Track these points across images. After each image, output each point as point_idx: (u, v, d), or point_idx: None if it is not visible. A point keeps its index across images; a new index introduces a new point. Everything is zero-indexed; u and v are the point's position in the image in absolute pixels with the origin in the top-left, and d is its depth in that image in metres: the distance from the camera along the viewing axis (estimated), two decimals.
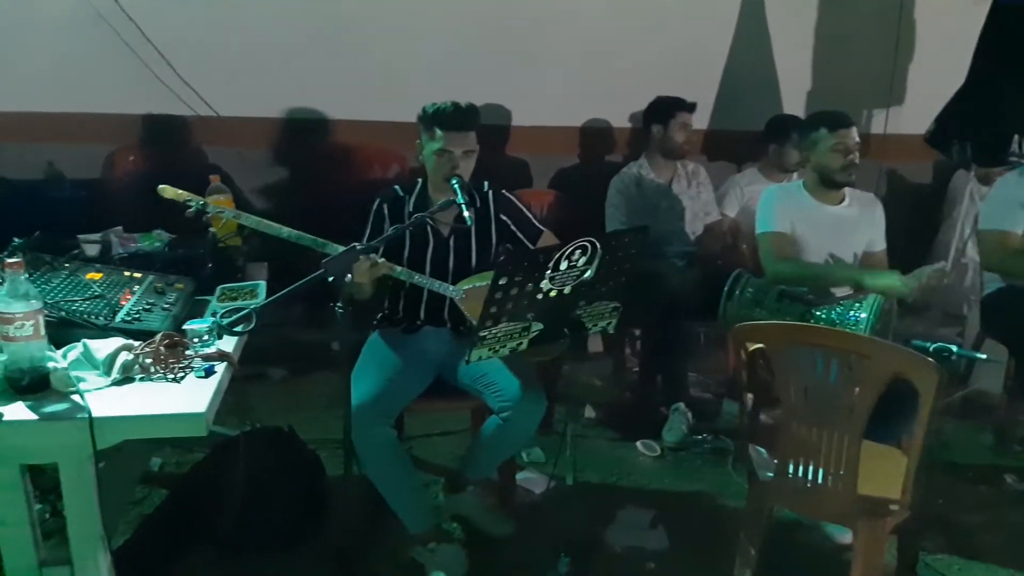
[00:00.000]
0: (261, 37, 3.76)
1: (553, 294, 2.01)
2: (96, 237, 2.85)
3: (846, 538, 2.53)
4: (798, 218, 3.01)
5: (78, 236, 2.81)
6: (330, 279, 1.96)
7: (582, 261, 1.99)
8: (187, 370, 1.79)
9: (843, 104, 3.39)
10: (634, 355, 3.99)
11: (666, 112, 3.67)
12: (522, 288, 1.94)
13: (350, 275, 2.11)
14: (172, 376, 1.76)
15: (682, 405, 3.38)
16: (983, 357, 2.41)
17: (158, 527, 2.51)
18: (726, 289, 2.82)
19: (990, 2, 3.72)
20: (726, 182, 4.05)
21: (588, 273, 2.03)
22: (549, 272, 1.96)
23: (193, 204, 2.21)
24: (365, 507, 2.50)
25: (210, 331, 1.93)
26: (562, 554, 2.45)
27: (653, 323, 3.43)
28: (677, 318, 3.38)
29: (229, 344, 1.97)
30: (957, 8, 4.23)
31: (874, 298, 2.62)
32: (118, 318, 1.98)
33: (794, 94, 4.45)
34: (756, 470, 2.30)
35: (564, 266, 1.97)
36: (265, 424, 2.79)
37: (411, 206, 2.60)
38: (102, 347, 1.78)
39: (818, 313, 2.68)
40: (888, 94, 4.52)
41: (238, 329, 1.89)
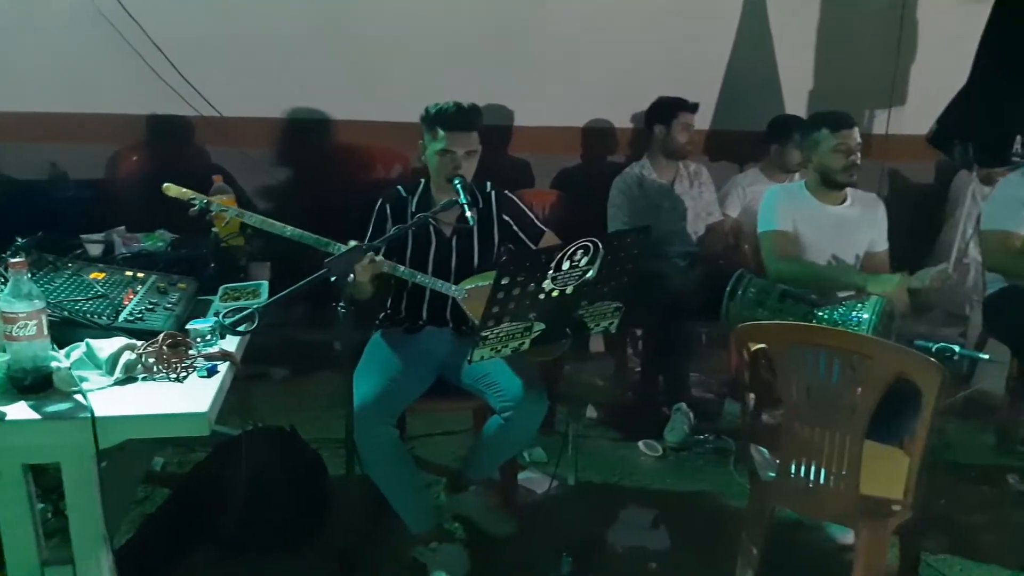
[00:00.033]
0: (264, 37, 3.76)
1: (555, 294, 2.01)
2: (99, 237, 2.86)
3: (848, 538, 2.53)
4: (800, 218, 3.01)
5: (81, 236, 2.82)
6: (332, 279, 1.97)
7: (584, 261, 1.99)
8: (189, 370, 1.79)
9: (845, 104, 3.39)
10: (636, 355, 3.99)
11: (668, 112, 3.68)
12: (524, 288, 1.94)
13: (352, 275, 2.11)
14: (175, 376, 1.76)
15: (684, 405, 3.38)
16: (985, 357, 2.41)
17: (160, 527, 2.51)
18: (728, 289, 2.81)
19: (992, 2, 3.72)
20: (728, 182, 4.05)
21: (590, 273, 2.03)
22: (551, 272, 1.96)
23: (197, 202, 2.21)
24: (367, 507, 2.50)
25: (213, 331, 1.93)
26: (564, 554, 2.45)
27: (655, 323, 3.43)
28: (679, 318, 3.38)
29: (231, 344, 1.97)
30: (959, 8, 4.22)
31: (877, 298, 2.61)
32: (121, 318, 1.99)
33: (796, 94, 4.44)
34: (758, 470, 2.30)
35: (566, 266, 1.97)
36: (267, 424, 2.80)
37: (414, 206, 2.60)
38: (105, 347, 1.78)
39: (821, 313, 2.67)
40: (890, 94, 4.52)
41: (241, 329, 1.88)
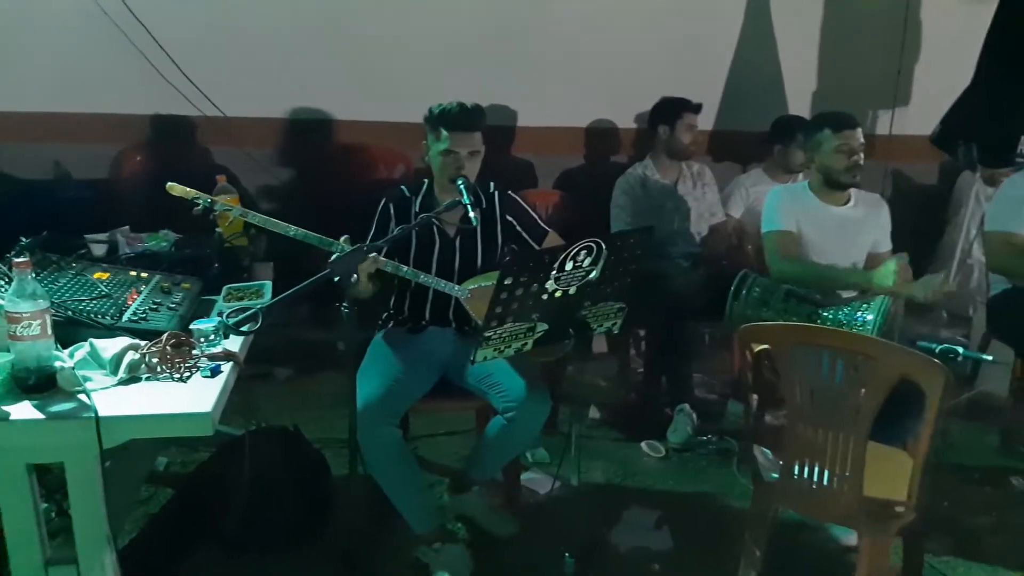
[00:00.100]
0: (268, 38, 3.77)
1: (558, 295, 2.01)
2: (103, 237, 2.86)
3: (851, 540, 2.53)
4: (803, 219, 3.00)
5: (85, 236, 2.82)
6: (336, 279, 1.97)
7: (587, 262, 1.99)
8: (193, 370, 1.79)
9: (848, 105, 3.38)
10: (639, 356, 3.98)
11: (672, 113, 3.67)
12: (527, 288, 1.94)
13: (356, 275, 2.12)
14: (178, 376, 1.77)
15: (687, 406, 3.37)
16: (989, 359, 2.41)
17: (164, 526, 2.52)
18: (733, 288, 2.81)
19: (996, 2, 3.71)
20: (731, 183, 4.05)
21: (593, 274, 2.03)
22: (554, 272, 1.96)
23: (201, 202, 2.21)
24: (370, 507, 2.51)
25: (216, 331, 1.94)
26: (566, 555, 2.45)
27: (658, 324, 3.43)
28: (682, 319, 3.38)
29: (235, 344, 1.98)
30: (962, 8, 4.22)
31: (881, 299, 2.61)
32: (125, 318, 1.99)
33: (799, 95, 4.43)
34: (761, 471, 2.30)
35: (569, 267, 1.97)
36: (271, 424, 2.80)
37: (417, 206, 2.60)
38: (109, 346, 1.79)
39: (825, 314, 2.67)
40: (894, 94, 4.50)
41: (244, 329, 1.89)
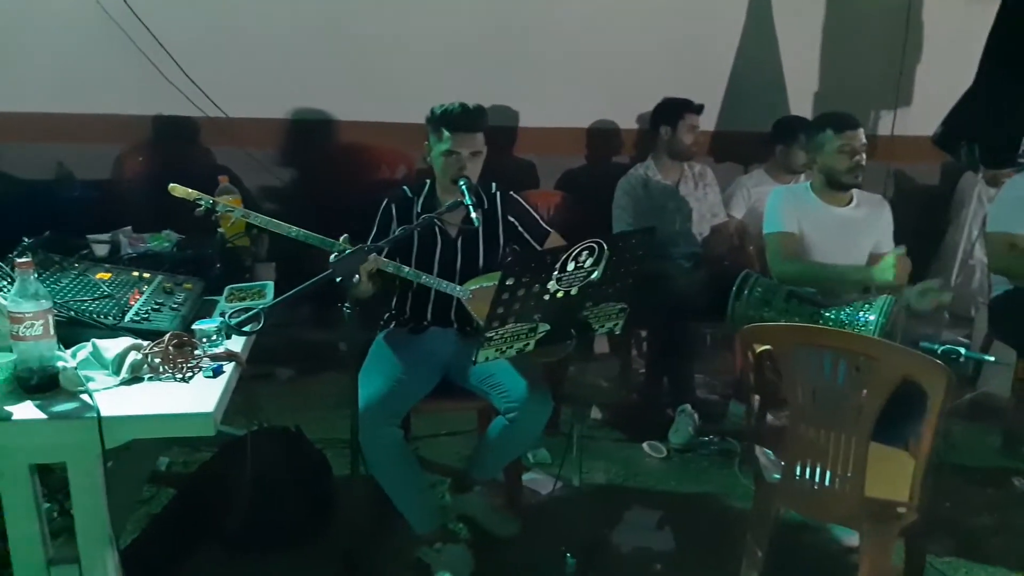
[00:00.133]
0: (270, 38, 3.77)
1: (560, 295, 2.01)
2: (105, 237, 2.87)
3: (853, 541, 2.52)
4: (805, 219, 3.00)
5: (88, 236, 2.82)
6: (338, 279, 1.97)
7: (589, 262, 1.99)
8: (195, 370, 1.80)
9: (850, 105, 3.38)
10: (640, 356, 3.98)
11: (674, 113, 3.67)
12: (529, 289, 1.94)
13: (358, 275, 2.12)
14: (180, 376, 1.77)
15: (688, 407, 3.37)
16: (991, 359, 2.40)
17: (166, 526, 2.52)
18: (735, 289, 2.80)
19: (998, 3, 3.70)
20: (733, 183, 4.05)
21: (595, 274, 2.03)
22: (556, 273, 1.96)
23: (203, 203, 2.21)
24: (372, 507, 2.50)
25: (218, 331, 1.94)
26: (568, 555, 2.45)
27: (659, 324, 3.43)
28: (683, 319, 3.37)
29: (237, 344, 1.98)
30: (965, 9, 4.21)
31: (883, 300, 2.60)
32: (127, 318, 1.99)
33: (801, 95, 4.43)
34: (763, 472, 2.29)
35: (571, 267, 1.97)
36: (272, 424, 2.80)
37: (419, 207, 2.61)
38: (111, 347, 1.79)
39: (827, 314, 2.66)
40: (895, 95, 4.50)
41: (246, 329, 1.88)
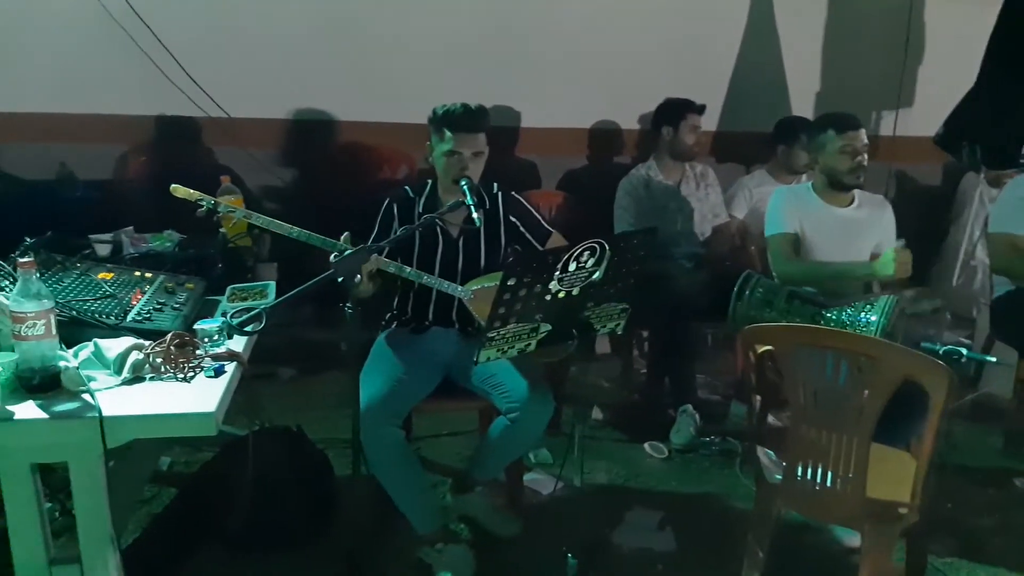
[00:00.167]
0: (272, 39, 3.77)
1: (561, 295, 2.01)
2: (107, 237, 2.87)
3: (854, 541, 2.52)
4: (807, 220, 3.00)
5: (90, 236, 2.82)
6: (339, 279, 1.97)
7: (591, 262, 1.99)
8: (197, 370, 1.80)
9: (852, 106, 3.38)
10: (642, 357, 3.99)
11: (676, 114, 3.67)
12: (530, 289, 1.94)
13: (359, 275, 2.12)
14: (182, 376, 1.77)
15: (690, 407, 3.37)
16: (993, 360, 2.40)
17: (167, 526, 2.53)
18: (736, 289, 2.79)
19: (1000, 3, 3.70)
20: (735, 184, 4.05)
21: (596, 274, 2.03)
22: (557, 273, 1.96)
23: (204, 204, 2.21)
24: (373, 507, 2.50)
25: (220, 331, 1.94)
26: (569, 555, 2.45)
27: (661, 325, 3.43)
28: (685, 320, 3.37)
29: (239, 344, 1.98)
30: (966, 9, 4.21)
31: (885, 300, 2.59)
32: (129, 318, 1.99)
33: (803, 96, 4.43)
34: (764, 472, 2.29)
35: (573, 267, 1.97)
36: (274, 424, 2.80)
37: (421, 207, 2.61)
38: (113, 346, 1.79)
39: (828, 315, 2.65)
40: (897, 96, 4.50)
41: (248, 329, 1.89)
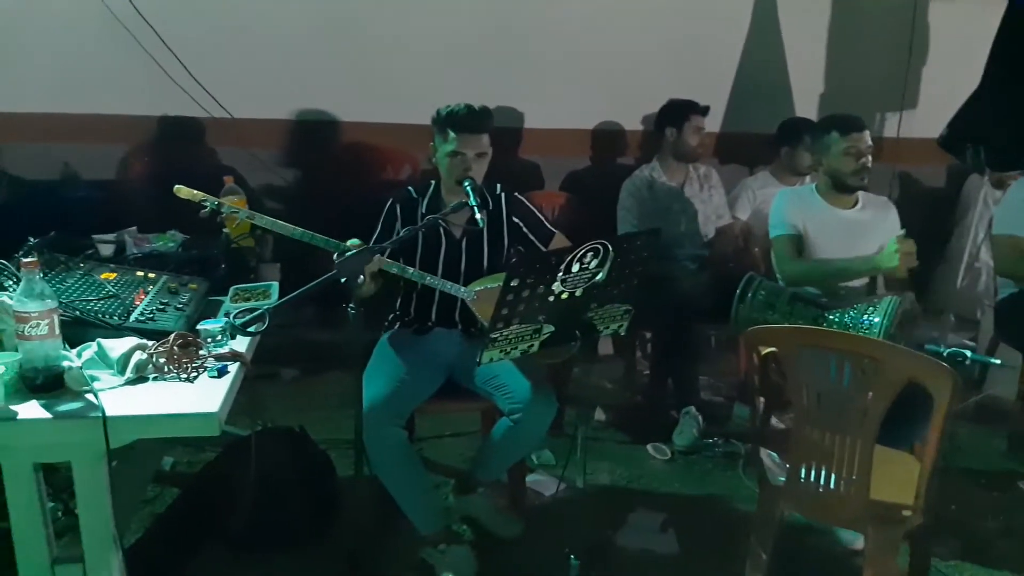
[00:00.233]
0: (274, 39, 3.78)
1: (564, 296, 2.01)
2: (111, 237, 2.87)
3: (858, 543, 2.52)
4: (810, 221, 2.99)
5: (93, 236, 2.83)
6: (342, 280, 1.97)
7: (594, 263, 1.98)
8: (200, 370, 1.80)
9: (856, 107, 3.38)
10: (645, 358, 3.98)
11: (680, 115, 3.67)
12: (533, 290, 1.94)
13: (362, 276, 2.12)
14: (185, 376, 1.77)
15: (693, 408, 3.37)
16: (997, 362, 2.40)
17: (170, 526, 2.52)
18: (738, 292, 2.79)
19: (1005, 5, 3.69)
20: (738, 185, 4.04)
21: (600, 275, 2.02)
22: (560, 274, 1.95)
23: (208, 204, 2.21)
24: (375, 508, 2.50)
25: (223, 331, 1.95)
26: (571, 556, 2.44)
27: (664, 326, 3.42)
28: (688, 321, 3.37)
29: (242, 344, 1.98)
30: (971, 11, 4.20)
31: (887, 301, 2.59)
32: (132, 318, 2.00)
33: (806, 97, 4.42)
34: (767, 474, 2.29)
35: (576, 268, 1.96)
36: (277, 424, 2.81)
37: (424, 208, 2.61)
38: (116, 346, 1.79)
39: (831, 316, 2.65)
40: (901, 97, 4.49)
41: (251, 329, 1.89)
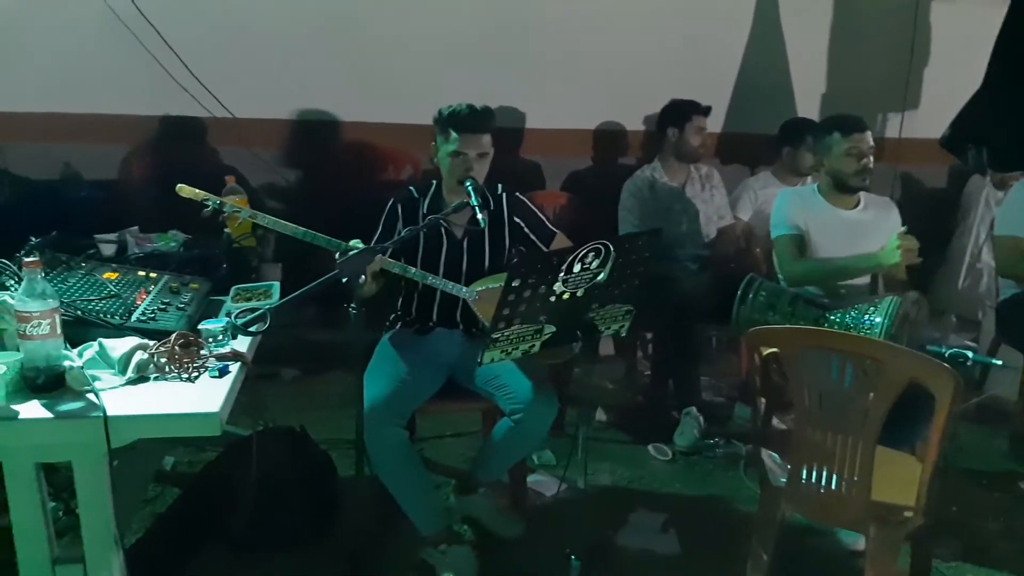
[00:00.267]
0: (276, 39, 3.78)
1: (566, 297, 2.01)
2: (112, 237, 2.88)
3: (859, 544, 2.51)
4: (812, 222, 2.99)
5: (95, 236, 2.84)
6: (344, 280, 1.97)
7: (595, 264, 1.98)
8: (201, 370, 1.80)
9: (858, 108, 3.37)
10: (646, 358, 3.98)
11: (682, 115, 3.66)
12: (535, 290, 1.94)
13: (364, 276, 2.12)
14: (186, 376, 1.77)
15: (694, 409, 3.36)
16: (999, 363, 2.39)
17: (170, 526, 2.52)
18: (739, 293, 2.79)
19: (1007, 5, 3.69)
20: (739, 185, 4.04)
21: (601, 276, 2.02)
22: (562, 274, 1.95)
23: (210, 204, 2.21)
24: (376, 508, 2.50)
25: (224, 331, 1.95)
26: (572, 557, 2.44)
27: (665, 326, 3.42)
28: (689, 321, 3.37)
29: (243, 344, 1.98)
30: (973, 11, 4.20)
31: (889, 302, 2.58)
32: (133, 317, 2.00)
33: (808, 97, 4.42)
34: (768, 475, 2.29)
35: (577, 269, 1.96)
36: (277, 424, 2.80)
37: (425, 208, 2.61)
38: (117, 346, 1.79)
39: (832, 317, 2.65)
40: (903, 98, 4.49)
41: (252, 329, 1.89)
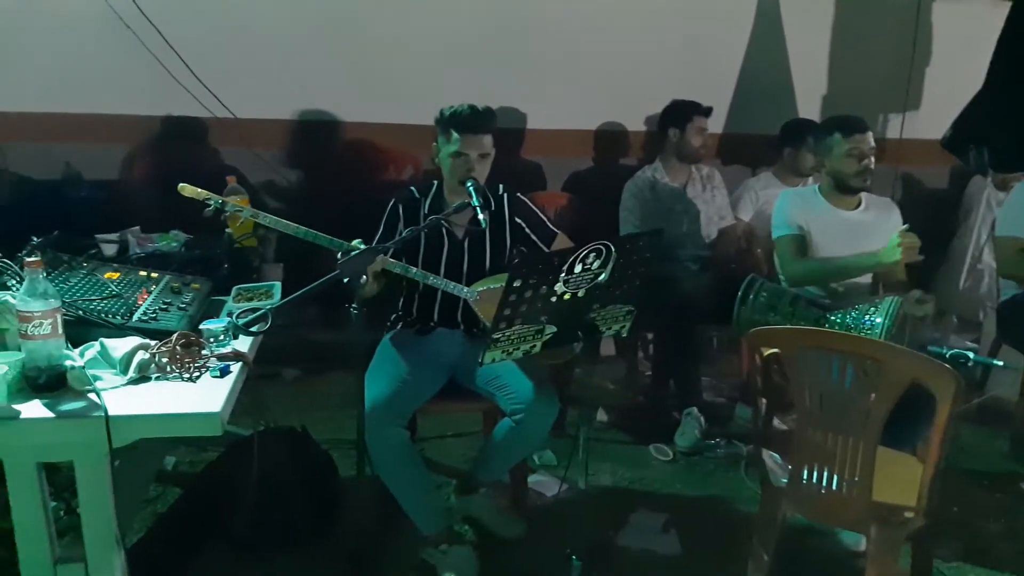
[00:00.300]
0: (278, 40, 3.78)
1: (567, 297, 2.01)
2: (114, 237, 2.88)
3: (860, 545, 2.52)
4: (813, 223, 2.99)
5: (96, 236, 2.84)
6: (345, 280, 1.97)
7: (596, 264, 1.99)
8: (202, 370, 1.80)
9: (859, 108, 3.37)
10: (647, 359, 3.98)
11: (683, 116, 3.67)
12: (536, 291, 1.94)
13: (365, 276, 2.12)
14: (188, 375, 1.77)
15: (695, 409, 3.36)
16: (1000, 364, 2.39)
17: (172, 526, 2.52)
18: (740, 294, 2.79)
19: (1009, 5, 3.69)
20: (740, 186, 4.04)
21: (602, 276, 2.02)
22: (563, 275, 1.95)
23: (212, 203, 2.21)
24: (377, 508, 2.50)
25: (226, 331, 1.95)
26: (573, 557, 2.44)
27: (666, 327, 3.42)
28: (690, 322, 3.37)
29: (244, 344, 1.98)
30: (974, 11, 4.20)
31: (889, 302, 2.58)
32: (135, 317, 2.00)
33: (809, 98, 4.42)
34: (769, 476, 2.29)
35: (578, 269, 1.96)
36: (279, 424, 2.81)
37: (426, 208, 2.61)
38: (119, 346, 1.79)
39: (833, 318, 2.65)
40: (904, 98, 4.48)
41: (254, 329, 1.89)
